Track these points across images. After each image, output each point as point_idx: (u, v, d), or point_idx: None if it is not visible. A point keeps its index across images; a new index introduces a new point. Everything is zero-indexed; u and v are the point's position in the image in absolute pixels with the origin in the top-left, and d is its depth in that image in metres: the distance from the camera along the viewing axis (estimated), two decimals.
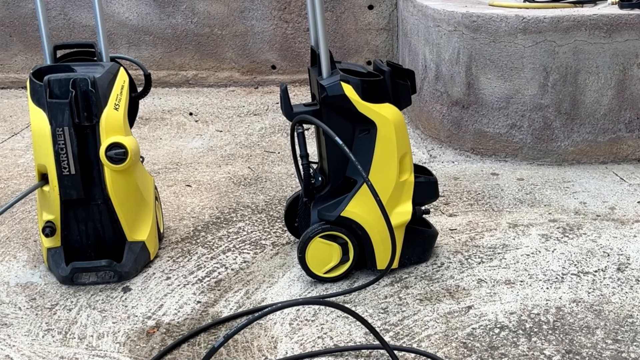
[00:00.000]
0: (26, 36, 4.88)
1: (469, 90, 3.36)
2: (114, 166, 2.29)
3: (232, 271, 2.42)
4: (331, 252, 2.29)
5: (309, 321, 2.12)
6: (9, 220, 2.83)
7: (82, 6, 4.80)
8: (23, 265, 2.49)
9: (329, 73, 2.25)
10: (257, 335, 2.05)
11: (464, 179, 3.16)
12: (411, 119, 3.86)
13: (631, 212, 2.79)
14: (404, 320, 2.11)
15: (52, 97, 2.23)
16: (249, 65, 4.86)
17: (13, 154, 3.65)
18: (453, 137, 3.47)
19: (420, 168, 2.44)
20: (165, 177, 3.29)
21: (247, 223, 2.78)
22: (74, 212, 2.33)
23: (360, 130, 2.25)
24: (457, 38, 3.34)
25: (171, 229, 2.74)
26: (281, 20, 4.76)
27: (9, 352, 2.00)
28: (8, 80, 4.94)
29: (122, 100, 2.35)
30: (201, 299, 2.26)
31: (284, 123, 3.99)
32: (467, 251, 2.51)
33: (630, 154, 3.29)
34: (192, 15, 4.78)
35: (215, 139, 3.82)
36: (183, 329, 2.10)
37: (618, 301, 2.17)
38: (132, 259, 2.37)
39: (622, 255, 2.45)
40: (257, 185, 3.17)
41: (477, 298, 2.21)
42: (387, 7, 4.65)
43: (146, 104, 4.38)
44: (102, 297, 2.27)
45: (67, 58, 2.59)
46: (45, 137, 2.25)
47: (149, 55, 4.83)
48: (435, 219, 2.72)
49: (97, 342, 2.04)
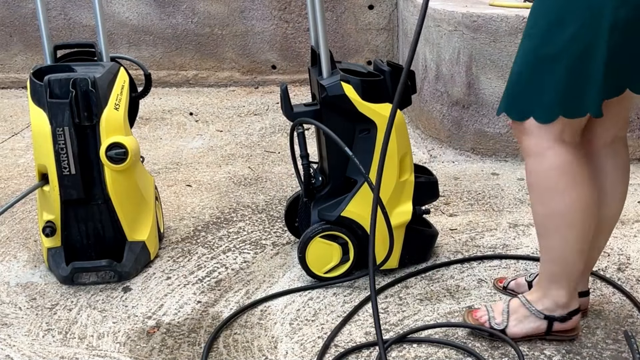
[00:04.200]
0: (26, 36, 4.88)
1: (469, 90, 3.36)
2: (114, 166, 2.29)
3: (233, 271, 2.42)
4: (331, 252, 2.29)
5: (309, 321, 2.12)
6: (9, 220, 2.83)
7: (82, 6, 4.79)
8: (23, 265, 2.49)
9: (329, 73, 2.25)
10: (258, 335, 2.05)
11: (464, 179, 3.16)
12: (411, 119, 3.86)
13: (631, 212, 2.79)
14: (404, 320, 2.11)
15: (52, 97, 2.23)
16: (249, 65, 4.86)
17: (13, 154, 3.65)
18: (453, 137, 3.47)
19: (420, 168, 2.44)
20: (166, 177, 3.29)
21: (248, 223, 2.78)
22: (74, 212, 2.33)
23: (361, 130, 2.25)
24: (458, 38, 3.34)
25: (171, 229, 2.74)
26: (281, 20, 4.76)
27: (9, 352, 2.00)
28: (8, 80, 4.94)
29: (123, 100, 2.35)
30: (201, 299, 2.26)
31: (284, 123, 3.99)
32: (467, 251, 2.51)
33: (630, 153, 3.29)
34: (193, 15, 4.78)
35: (215, 139, 3.82)
36: (183, 329, 2.10)
37: (618, 301, 2.17)
38: (132, 259, 2.37)
39: (622, 255, 2.45)
40: (257, 185, 3.17)
41: (477, 298, 2.21)
42: (387, 7, 4.65)
43: (146, 104, 4.38)
44: (102, 297, 2.27)
45: (67, 58, 2.59)
46: (45, 137, 2.25)
47: (149, 55, 4.83)
48: (435, 219, 2.72)
49: (98, 342, 2.04)
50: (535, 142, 1.76)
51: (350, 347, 1.97)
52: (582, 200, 1.78)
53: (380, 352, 1.85)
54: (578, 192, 1.77)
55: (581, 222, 1.80)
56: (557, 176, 1.76)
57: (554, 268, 1.88)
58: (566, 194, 1.77)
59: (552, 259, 1.87)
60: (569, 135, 1.76)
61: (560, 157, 1.75)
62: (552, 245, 1.85)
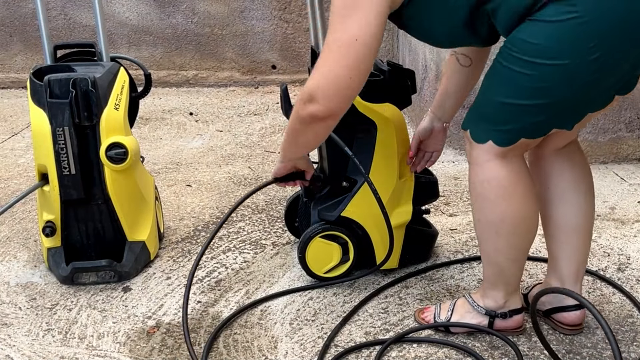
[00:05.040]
0: (26, 36, 4.88)
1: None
2: (114, 166, 2.29)
3: (233, 271, 2.42)
4: (331, 252, 2.29)
5: (309, 321, 2.12)
6: (9, 220, 2.83)
7: (82, 6, 4.80)
8: (23, 265, 2.49)
9: None
10: (257, 335, 2.05)
11: (464, 179, 3.16)
12: (411, 119, 3.86)
13: (631, 212, 2.79)
14: (404, 320, 2.11)
15: (52, 97, 2.23)
16: (249, 65, 4.86)
17: (13, 154, 3.65)
18: (453, 137, 3.47)
19: None
20: (166, 177, 3.29)
21: (248, 223, 2.78)
22: (74, 212, 2.33)
23: (361, 130, 2.25)
24: None
25: (171, 229, 2.74)
26: (281, 20, 4.76)
27: (9, 352, 2.00)
28: (8, 80, 4.95)
29: (123, 100, 2.35)
30: (201, 298, 2.26)
31: (284, 123, 3.99)
32: (467, 251, 2.51)
33: (630, 153, 3.29)
34: (193, 15, 4.78)
35: (215, 139, 3.82)
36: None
37: (618, 301, 2.17)
38: (132, 258, 2.37)
39: (622, 255, 2.45)
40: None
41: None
42: None
43: (146, 104, 4.38)
44: (102, 297, 2.27)
45: (67, 58, 2.59)
46: (45, 137, 2.25)
47: (149, 55, 4.83)
48: (435, 219, 2.72)
49: (98, 342, 2.04)
50: (477, 154, 1.80)
51: (350, 347, 1.97)
52: (514, 212, 1.82)
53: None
54: (510, 204, 1.81)
55: (512, 233, 1.84)
56: (490, 187, 1.80)
57: (490, 270, 1.93)
58: (497, 205, 1.81)
59: (487, 263, 1.93)
60: (516, 152, 1.79)
61: (495, 170, 1.79)
62: (486, 249, 1.91)
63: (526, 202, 1.83)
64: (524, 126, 1.74)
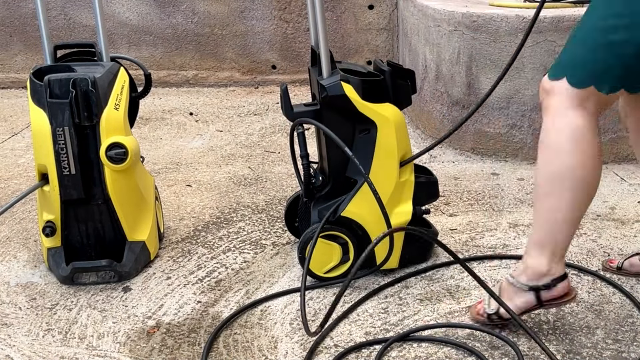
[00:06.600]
0: (26, 36, 4.88)
1: (469, 90, 3.36)
2: (114, 166, 2.29)
3: (233, 271, 2.42)
4: (331, 252, 2.29)
5: (309, 321, 2.11)
6: (9, 220, 2.83)
7: (82, 6, 4.79)
8: (23, 265, 2.49)
9: (329, 73, 2.25)
10: (258, 335, 2.05)
11: (464, 179, 3.16)
12: (411, 119, 3.86)
13: (631, 212, 2.79)
14: (404, 320, 2.11)
15: (52, 97, 2.23)
16: (249, 65, 4.86)
17: (13, 154, 3.65)
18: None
19: (420, 168, 2.44)
20: (166, 177, 3.29)
21: (248, 223, 2.78)
22: (74, 212, 2.33)
23: (361, 130, 2.25)
24: (458, 38, 3.34)
25: (171, 229, 2.74)
26: (281, 20, 4.76)
27: (9, 352, 2.00)
28: (8, 80, 4.94)
29: (123, 100, 2.35)
30: (201, 298, 2.26)
31: (284, 123, 3.99)
32: (467, 251, 2.51)
33: (630, 154, 3.29)
34: (193, 15, 4.78)
35: (215, 139, 3.82)
36: (183, 329, 2.10)
37: (618, 301, 2.17)
38: (132, 258, 2.37)
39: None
40: (257, 185, 3.17)
41: (477, 298, 2.21)
42: (387, 7, 4.65)
43: (146, 104, 4.38)
44: (102, 297, 2.27)
45: (67, 58, 2.59)
46: (45, 137, 2.25)
47: (149, 55, 4.83)
48: (435, 219, 2.72)
49: (98, 342, 2.04)
50: (557, 102, 1.80)
51: (350, 347, 1.97)
52: (587, 165, 1.80)
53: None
54: (583, 158, 1.80)
55: (579, 189, 1.82)
56: (567, 136, 1.79)
57: (541, 233, 1.89)
58: (571, 155, 1.80)
59: (540, 224, 1.89)
60: (592, 105, 1.79)
61: (575, 118, 1.78)
62: (544, 207, 1.86)
63: (598, 163, 1.82)
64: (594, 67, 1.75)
